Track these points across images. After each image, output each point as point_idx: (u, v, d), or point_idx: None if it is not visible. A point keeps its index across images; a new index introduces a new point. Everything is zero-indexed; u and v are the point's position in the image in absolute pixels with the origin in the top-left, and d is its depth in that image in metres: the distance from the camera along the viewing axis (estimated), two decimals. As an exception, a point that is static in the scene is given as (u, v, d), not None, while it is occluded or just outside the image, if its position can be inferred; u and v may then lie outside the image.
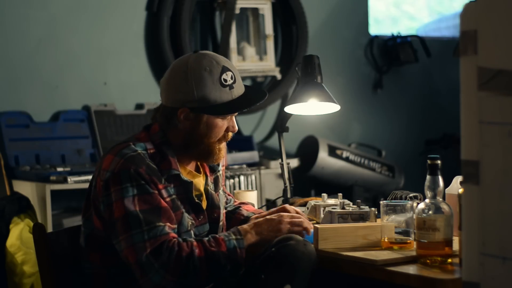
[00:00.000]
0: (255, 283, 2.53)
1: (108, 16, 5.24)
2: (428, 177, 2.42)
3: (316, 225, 2.65)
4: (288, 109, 3.25)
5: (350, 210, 2.83)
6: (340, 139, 6.04)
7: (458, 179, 2.71)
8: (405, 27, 7.06)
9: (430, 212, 2.41)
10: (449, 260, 2.40)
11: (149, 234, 2.45)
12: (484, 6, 1.82)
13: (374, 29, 6.54)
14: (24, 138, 4.84)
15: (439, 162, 2.42)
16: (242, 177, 5.06)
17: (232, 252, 2.50)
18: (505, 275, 1.80)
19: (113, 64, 5.26)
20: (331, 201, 3.01)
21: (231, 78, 2.63)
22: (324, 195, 3.02)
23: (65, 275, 2.64)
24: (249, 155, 5.22)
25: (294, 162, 5.39)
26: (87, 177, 4.48)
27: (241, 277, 2.62)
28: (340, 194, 3.04)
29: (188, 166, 2.69)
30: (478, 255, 1.85)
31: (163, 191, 2.55)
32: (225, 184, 2.93)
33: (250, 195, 3.21)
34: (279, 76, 5.74)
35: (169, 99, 2.63)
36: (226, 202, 2.93)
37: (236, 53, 5.59)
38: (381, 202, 2.61)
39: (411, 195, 2.94)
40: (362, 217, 2.82)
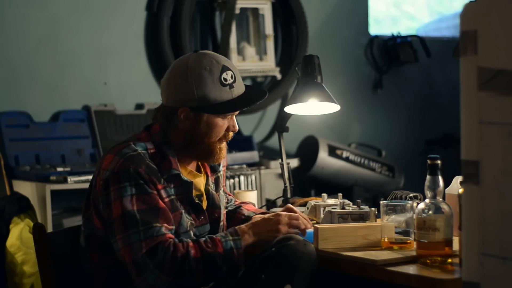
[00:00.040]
0: (255, 283, 2.52)
1: (108, 16, 5.24)
2: (428, 177, 2.42)
3: (316, 225, 2.65)
4: (288, 109, 3.25)
5: (350, 210, 2.83)
6: (340, 139, 6.04)
7: (458, 179, 2.71)
8: (405, 27, 7.06)
9: (430, 212, 2.41)
10: (449, 260, 2.40)
11: (146, 235, 2.44)
12: (484, 6, 1.82)
13: (374, 29, 6.53)
14: (24, 138, 4.84)
15: (439, 162, 2.42)
16: (242, 177, 5.06)
17: (229, 253, 2.49)
18: (505, 275, 1.80)
19: (113, 64, 5.26)
20: (331, 201, 3.01)
21: (231, 77, 2.62)
22: (324, 195, 3.02)
23: (65, 275, 2.64)
24: (249, 155, 5.22)
25: (294, 162, 5.39)
26: (87, 177, 4.48)
27: (241, 277, 2.62)
28: (340, 194, 3.04)
29: (189, 166, 2.68)
30: (478, 255, 1.84)
31: (162, 192, 2.54)
32: (225, 184, 2.93)
33: (250, 195, 3.20)
34: (279, 76, 5.74)
35: (170, 99, 2.63)
36: (227, 202, 2.93)
37: (236, 53, 5.59)
38: (381, 202, 2.61)
39: (411, 195, 2.94)
40: (362, 217, 2.82)
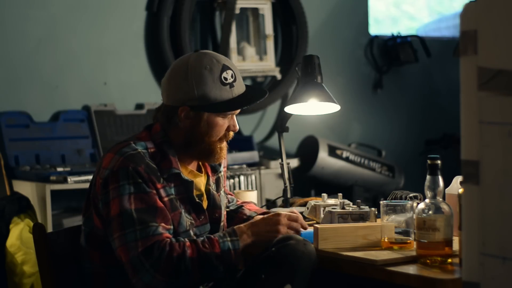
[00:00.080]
0: (255, 283, 2.52)
1: (108, 16, 5.24)
2: (428, 177, 2.42)
3: (316, 225, 2.65)
4: (288, 109, 3.25)
5: (350, 210, 2.83)
6: (340, 139, 6.04)
7: (458, 179, 2.70)
8: (405, 27, 7.06)
9: (430, 212, 2.41)
10: (449, 260, 2.40)
11: (142, 234, 2.44)
12: (484, 6, 1.82)
13: (374, 29, 6.53)
14: (24, 138, 4.84)
15: (439, 162, 2.42)
16: (242, 177, 5.06)
17: (226, 253, 2.49)
18: (505, 275, 1.80)
19: (113, 64, 5.26)
20: (331, 201, 3.00)
21: (232, 76, 2.62)
22: (324, 195, 3.02)
23: (65, 275, 2.64)
24: (249, 155, 5.22)
25: (294, 162, 5.39)
26: (87, 177, 4.48)
27: (241, 277, 2.61)
28: (340, 194, 3.04)
29: (189, 166, 2.68)
30: (478, 255, 1.84)
31: (161, 191, 2.54)
32: (225, 185, 2.92)
33: (250, 195, 3.20)
34: (279, 76, 5.74)
35: (170, 98, 2.63)
36: (228, 201, 2.92)
37: (236, 53, 5.59)
38: (381, 202, 2.61)
39: (411, 195, 2.94)
40: (362, 217, 2.81)
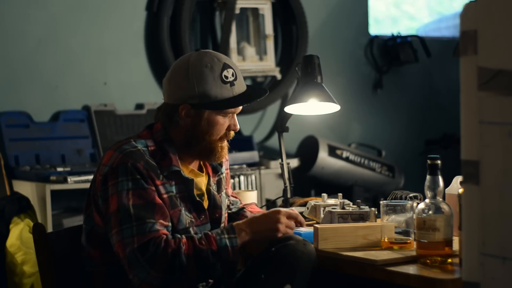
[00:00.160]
0: (255, 283, 2.52)
1: (108, 16, 5.24)
2: (428, 177, 2.42)
3: (316, 225, 2.65)
4: (288, 109, 3.25)
5: (350, 210, 2.83)
6: (340, 139, 6.04)
7: (458, 179, 2.70)
8: (405, 27, 7.06)
9: (430, 212, 2.41)
10: (449, 260, 2.40)
11: (139, 230, 2.44)
12: (484, 6, 1.82)
13: (374, 29, 6.53)
14: (24, 138, 4.84)
15: (439, 162, 2.42)
16: (242, 177, 5.06)
17: (223, 250, 2.48)
18: (505, 275, 1.80)
19: (113, 64, 5.26)
20: (331, 201, 3.00)
21: (232, 75, 2.63)
22: (324, 195, 3.02)
23: (65, 275, 2.64)
24: (249, 155, 5.22)
25: (294, 162, 5.39)
26: (87, 177, 4.48)
27: (241, 277, 2.61)
28: (340, 194, 3.04)
29: (190, 165, 2.69)
30: (478, 255, 1.84)
31: (160, 187, 2.54)
32: (230, 186, 2.93)
33: (250, 195, 3.20)
34: (279, 76, 5.74)
35: (171, 97, 2.64)
36: (231, 204, 2.92)
37: (236, 53, 5.59)
38: (381, 202, 2.61)
39: (411, 195, 2.94)
40: (362, 217, 2.81)
